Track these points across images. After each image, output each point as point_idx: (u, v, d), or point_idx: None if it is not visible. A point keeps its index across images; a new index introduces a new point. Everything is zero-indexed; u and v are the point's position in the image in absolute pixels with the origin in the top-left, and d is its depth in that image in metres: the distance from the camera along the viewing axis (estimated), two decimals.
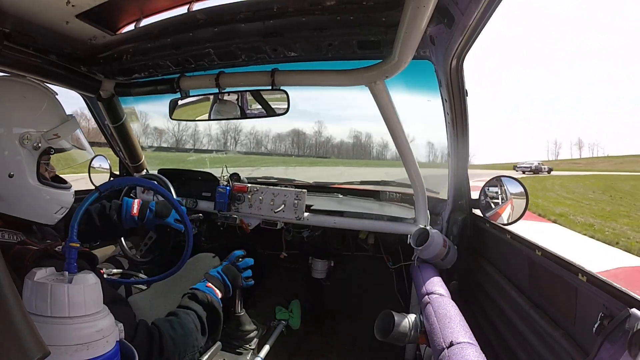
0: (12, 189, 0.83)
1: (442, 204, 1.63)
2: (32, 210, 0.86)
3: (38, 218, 0.89)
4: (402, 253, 1.78)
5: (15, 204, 0.84)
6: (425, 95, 1.39)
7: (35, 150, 0.84)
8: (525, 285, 1.06)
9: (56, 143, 0.88)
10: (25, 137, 0.83)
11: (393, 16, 0.97)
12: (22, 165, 0.83)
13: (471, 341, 0.85)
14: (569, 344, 0.80)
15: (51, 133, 0.87)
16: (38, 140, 0.84)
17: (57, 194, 0.90)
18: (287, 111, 1.39)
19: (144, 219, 1.34)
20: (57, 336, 0.55)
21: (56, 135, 0.87)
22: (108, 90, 1.60)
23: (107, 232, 1.34)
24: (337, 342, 1.96)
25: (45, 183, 0.88)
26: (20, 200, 0.84)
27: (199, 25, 1.17)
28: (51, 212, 0.90)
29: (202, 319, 1.00)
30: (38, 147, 0.85)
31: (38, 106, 0.87)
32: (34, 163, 0.85)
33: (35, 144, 0.84)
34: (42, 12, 1.04)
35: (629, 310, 0.61)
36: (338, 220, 1.66)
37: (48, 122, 0.87)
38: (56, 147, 0.88)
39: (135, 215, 1.33)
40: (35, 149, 0.84)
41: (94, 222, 1.30)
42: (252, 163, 6.88)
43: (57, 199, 0.90)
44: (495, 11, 0.79)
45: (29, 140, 0.83)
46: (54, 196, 0.89)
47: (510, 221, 1.29)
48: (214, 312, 1.05)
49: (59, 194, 0.91)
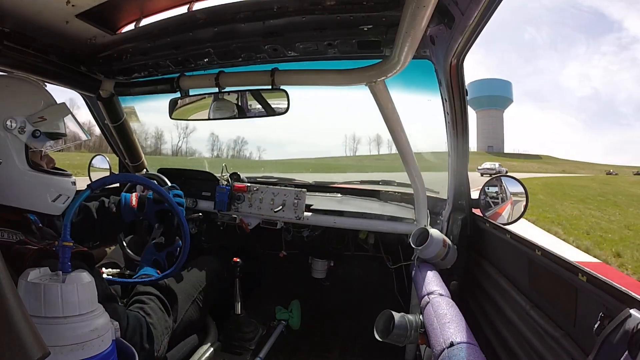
0: (2, 176, 0.82)
1: (442, 204, 1.63)
2: (25, 198, 0.86)
3: (35, 206, 0.88)
4: (402, 253, 1.78)
5: (8, 192, 0.83)
6: (425, 95, 1.39)
7: (21, 134, 0.84)
8: (525, 285, 1.06)
9: (42, 126, 0.88)
10: (9, 122, 0.83)
11: (393, 16, 0.97)
12: (9, 150, 0.83)
13: (471, 341, 0.85)
14: (569, 344, 0.80)
15: (36, 116, 0.87)
16: (23, 124, 0.85)
17: (50, 179, 0.90)
18: (287, 111, 1.39)
19: (143, 209, 1.34)
20: (52, 336, 0.55)
21: (42, 117, 0.88)
22: (108, 89, 1.60)
23: (106, 226, 1.34)
24: (337, 342, 1.96)
25: (37, 168, 0.88)
26: (12, 186, 0.84)
27: (199, 25, 1.17)
28: (48, 199, 0.89)
29: (164, 300, 1.04)
30: (23, 131, 0.85)
31: (20, 92, 0.88)
32: (21, 147, 0.85)
33: (20, 127, 0.84)
34: (42, 12, 1.04)
35: (629, 310, 0.61)
36: (338, 220, 1.66)
37: (32, 107, 0.88)
38: (43, 131, 0.88)
39: (134, 207, 1.34)
40: (21, 132, 0.85)
41: (92, 218, 1.30)
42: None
43: (52, 185, 0.90)
44: (496, 11, 0.79)
45: (13, 125, 0.83)
46: (48, 182, 0.89)
47: (510, 221, 1.30)
48: (170, 292, 1.11)
49: (54, 179, 0.90)
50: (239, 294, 1.47)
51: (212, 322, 1.47)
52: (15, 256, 0.76)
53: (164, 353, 1.05)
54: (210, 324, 1.46)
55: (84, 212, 1.28)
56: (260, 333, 1.54)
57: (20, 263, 0.74)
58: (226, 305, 1.50)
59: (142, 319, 0.93)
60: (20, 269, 0.69)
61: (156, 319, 0.97)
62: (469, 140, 1.33)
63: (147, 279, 1.07)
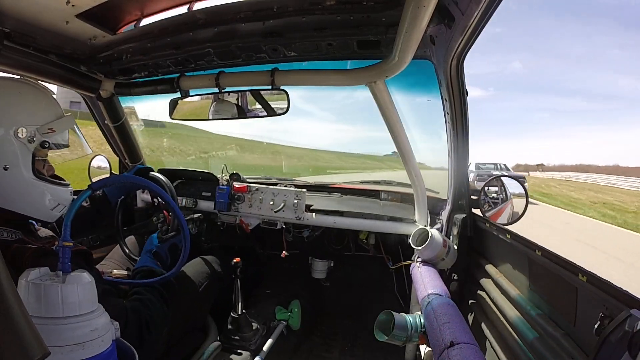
0: (7, 182, 0.84)
1: (442, 204, 1.63)
2: (27, 205, 0.88)
3: (35, 213, 0.90)
4: (402, 253, 1.78)
5: (11, 198, 0.85)
6: (426, 95, 1.39)
7: (30, 143, 0.87)
8: (525, 285, 1.06)
9: (51, 137, 0.90)
10: (20, 130, 0.85)
11: (393, 16, 0.97)
12: (17, 158, 0.85)
13: (471, 341, 0.85)
14: (569, 344, 0.80)
15: (46, 127, 0.89)
16: (33, 134, 0.87)
17: (53, 188, 0.92)
18: (287, 111, 1.39)
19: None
20: (52, 336, 0.55)
21: (51, 129, 0.90)
22: (108, 90, 1.60)
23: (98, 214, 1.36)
24: (337, 342, 1.96)
25: (41, 177, 0.90)
26: (16, 193, 0.86)
27: (199, 25, 1.17)
28: (47, 207, 0.91)
29: (162, 292, 1.05)
30: (33, 140, 0.87)
31: (34, 102, 0.90)
32: (29, 156, 0.87)
33: (30, 137, 0.86)
34: (42, 12, 1.04)
35: (629, 310, 0.61)
36: (338, 220, 1.66)
37: (43, 117, 0.90)
38: (51, 142, 0.91)
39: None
40: (30, 142, 0.87)
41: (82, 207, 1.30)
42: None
43: (53, 194, 0.92)
44: (496, 11, 0.79)
45: (24, 134, 0.85)
46: (49, 191, 0.91)
47: (510, 221, 1.29)
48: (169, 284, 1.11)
49: (55, 189, 0.93)
50: (239, 294, 1.47)
51: (212, 322, 1.47)
52: (15, 255, 0.76)
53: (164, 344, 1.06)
54: (210, 323, 1.46)
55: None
56: (260, 333, 1.54)
57: (19, 261, 0.74)
58: (226, 305, 1.50)
59: (142, 310, 0.94)
60: (19, 267, 0.69)
61: (155, 310, 0.98)
62: (469, 141, 1.33)
63: (147, 280, 1.07)
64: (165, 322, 1.02)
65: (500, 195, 1.39)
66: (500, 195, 1.39)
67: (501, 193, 1.39)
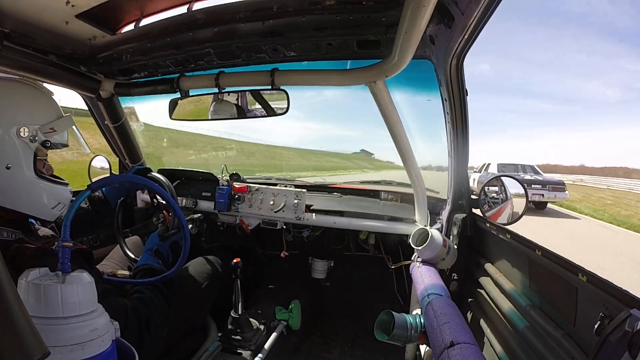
0: (10, 181, 0.85)
1: (442, 204, 1.63)
2: (28, 203, 0.89)
3: (36, 212, 0.91)
4: (402, 253, 1.78)
5: (13, 196, 0.86)
6: (425, 95, 1.39)
7: (32, 142, 0.88)
8: (525, 285, 1.06)
9: (52, 137, 0.92)
10: (22, 130, 0.86)
11: (393, 16, 0.97)
12: (19, 157, 0.86)
13: (471, 341, 0.85)
14: (569, 344, 0.80)
15: (47, 127, 0.91)
16: (35, 133, 0.88)
17: (53, 187, 0.93)
18: (287, 111, 1.39)
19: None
20: (52, 336, 0.55)
21: (52, 129, 0.91)
22: (108, 90, 1.60)
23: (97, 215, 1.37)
24: (337, 342, 1.96)
25: (42, 176, 0.91)
26: (18, 192, 0.87)
27: (198, 25, 1.17)
28: (48, 206, 0.93)
29: (163, 290, 1.06)
30: (35, 139, 0.88)
31: (35, 102, 0.91)
32: (30, 156, 0.88)
33: (32, 136, 0.87)
34: (42, 12, 1.04)
35: (629, 310, 0.61)
36: (338, 220, 1.66)
37: (44, 117, 0.91)
38: (52, 141, 0.92)
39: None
40: (32, 141, 0.88)
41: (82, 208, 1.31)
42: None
43: (53, 193, 0.93)
44: (495, 11, 0.79)
45: (26, 133, 0.87)
46: (50, 190, 0.92)
47: (510, 221, 1.29)
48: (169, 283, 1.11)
49: (56, 188, 0.94)
50: (239, 294, 1.47)
51: (212, 322, 1.47)
52: (15, 254, 0.76)
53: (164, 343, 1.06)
54: (210, 323, 1.46)
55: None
56: (260, 333, 1.54)
57: (19, 261, 0.75)
58: (226, 305, 1.50)
59: (142, 309, 0.94)
60: (19, 267, 0.69)
61: (155, 309, 0.98)
62: (469, 140, 1.33)
63: (147, 279, 1.07)
64: (165, 321, 1.02)
65: (500, 195, 1.39)
66: (500, 195, 1.39)
67: (501, 193, 1.39)
